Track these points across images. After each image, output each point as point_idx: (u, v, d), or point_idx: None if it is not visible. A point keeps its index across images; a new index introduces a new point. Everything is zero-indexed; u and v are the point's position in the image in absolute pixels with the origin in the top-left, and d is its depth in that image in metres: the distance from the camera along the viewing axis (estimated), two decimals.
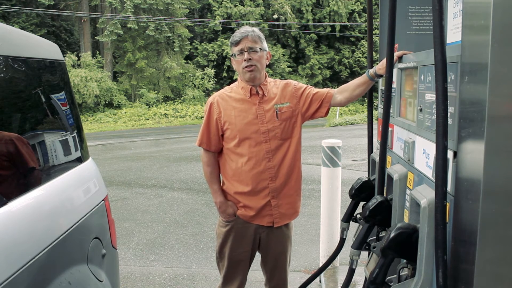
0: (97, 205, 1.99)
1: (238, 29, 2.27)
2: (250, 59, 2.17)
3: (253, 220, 2.26)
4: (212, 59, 27.74)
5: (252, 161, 2.19)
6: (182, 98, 26.69)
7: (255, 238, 2.30)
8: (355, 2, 30.10)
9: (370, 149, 2.30)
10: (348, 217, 2.13)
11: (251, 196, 2.22)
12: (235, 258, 2.31)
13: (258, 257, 2.41)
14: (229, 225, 2.29)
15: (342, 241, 2.26)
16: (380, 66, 2.06)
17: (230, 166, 2.25)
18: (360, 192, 2.08)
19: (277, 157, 2.21)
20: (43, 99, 1.80)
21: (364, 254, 1.92)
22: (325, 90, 2.34)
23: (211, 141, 2.27)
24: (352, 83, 2.27)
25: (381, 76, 2.09)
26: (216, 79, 27.44)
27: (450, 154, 1.20)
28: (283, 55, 28.52)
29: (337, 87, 2.37)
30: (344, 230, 2.20)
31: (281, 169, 2.22)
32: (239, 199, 2.25)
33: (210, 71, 26.97)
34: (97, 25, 26.72)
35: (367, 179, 2.11)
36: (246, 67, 2.18)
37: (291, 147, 2.24)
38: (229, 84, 2.87)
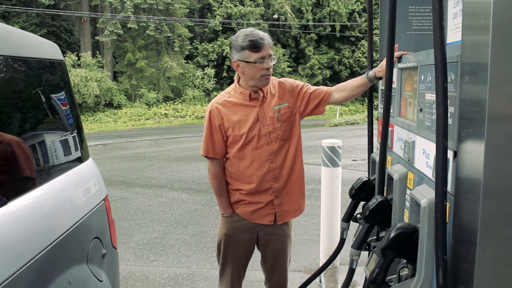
0: (97, 205, 1.99)
1: (239, 29, 2.26)
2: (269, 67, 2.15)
3: (255, 219, 2.26)
4: (212, 59, 27.76)
5: (256, 163, 2.19)
6: (182, 98, 26.71)
7: (253, 235, 2.31)
8: (355, 2, 30.12)
9: (370, 149, 2.30)
10: (348, 217, 2.13)
11: (254, 195, 2.23)
12: (234, 254, 2.33)
13: (258, 257, 2.42)
14: (230, 221, 2.30)
15: (342, 241, 2.26)
16: (380, 69, 2.06)
17: (233, 170, 2.26)
18: (360, 192, 2.08)
19: (279, 158, 2.22)
20: (43, 99, 1.80)
21: (364, 254, 1.92)
22: (323, 88, 2.33)
23: (216, 148, 2.25)
24: (351, 83, 2.27)
25: (380, 78, 2.09)
26: (216, 79, 27.46)
27: (450, 154, 1.20)
28: (283, 55, 28.52)
29: None
30: (344, 230, 2.20)
31: (284, 169, 2.23)
32: (241, 198, 2.26)
33: (210, 71, 26.99)
34: (97, 25, 26.74)
35: (367, 179, 2.11)
36: (266, 75, 2.16)
37: (291, 146, 2.25)
38: (229, 84, 2.86)
